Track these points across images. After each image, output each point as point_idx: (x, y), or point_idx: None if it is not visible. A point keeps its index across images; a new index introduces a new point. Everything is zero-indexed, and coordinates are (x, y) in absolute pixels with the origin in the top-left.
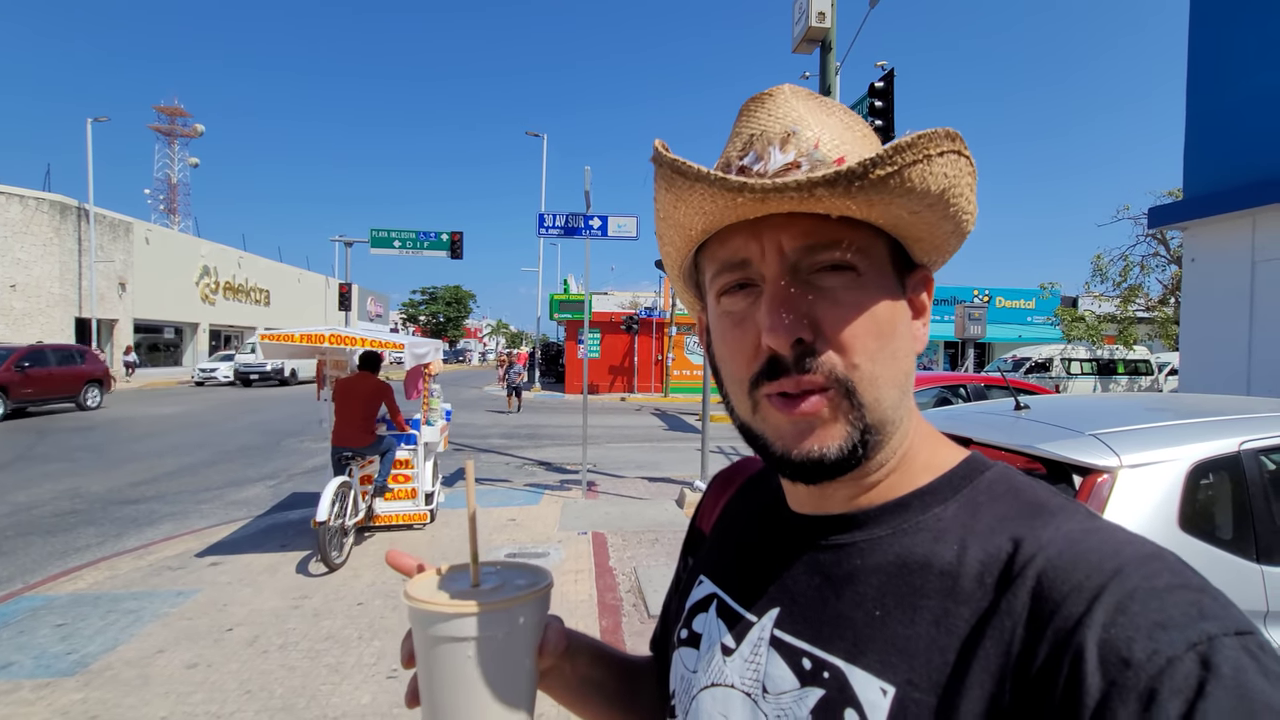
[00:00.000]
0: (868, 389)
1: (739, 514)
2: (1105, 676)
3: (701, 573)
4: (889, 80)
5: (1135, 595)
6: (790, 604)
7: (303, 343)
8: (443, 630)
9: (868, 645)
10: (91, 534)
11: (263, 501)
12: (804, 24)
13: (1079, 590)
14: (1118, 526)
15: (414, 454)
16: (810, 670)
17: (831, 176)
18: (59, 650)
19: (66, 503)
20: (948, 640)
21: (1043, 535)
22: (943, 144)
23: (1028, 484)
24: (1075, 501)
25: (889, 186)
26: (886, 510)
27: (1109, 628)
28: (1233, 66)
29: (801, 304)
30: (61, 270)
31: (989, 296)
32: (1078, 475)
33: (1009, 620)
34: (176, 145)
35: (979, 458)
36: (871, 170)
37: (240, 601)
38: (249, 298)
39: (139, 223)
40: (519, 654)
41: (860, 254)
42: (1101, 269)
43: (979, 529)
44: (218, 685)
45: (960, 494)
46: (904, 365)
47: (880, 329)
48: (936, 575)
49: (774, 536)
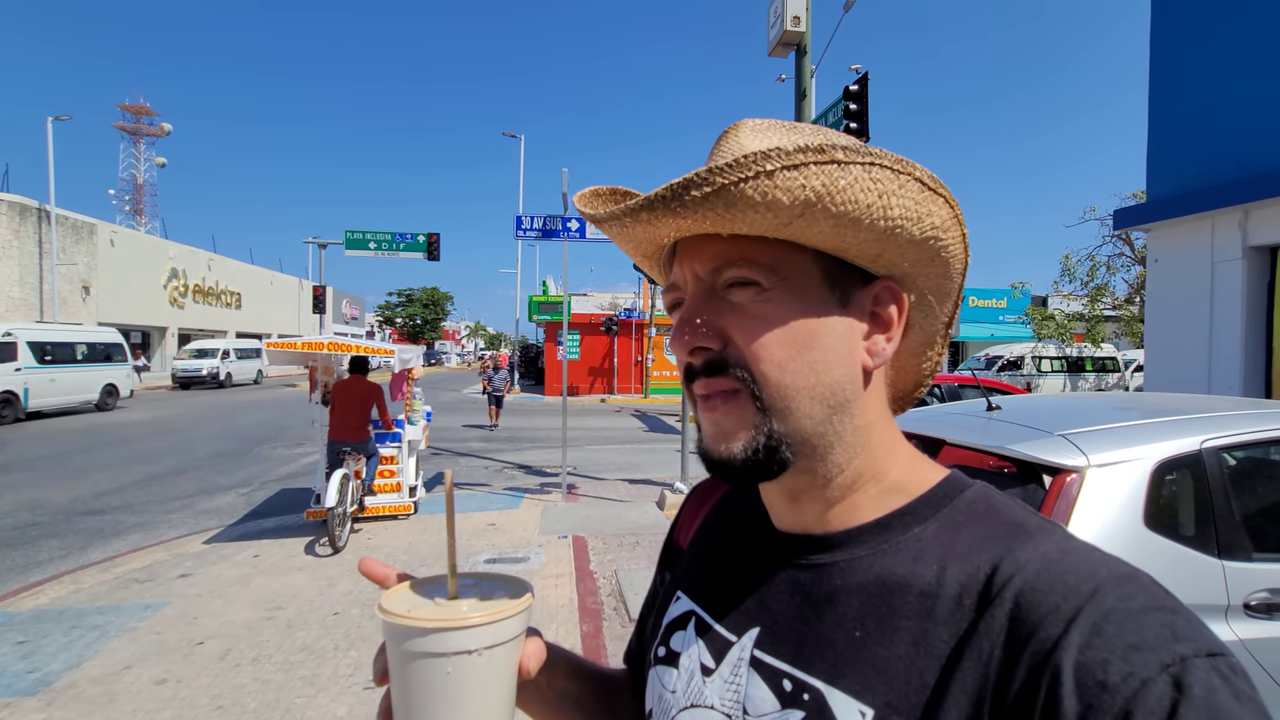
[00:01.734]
0: (775, 397)
1: (718, 529)
2: (1082, 699)
3: (679, 588)
4: (863, 84)
5: (1110, 617)
6: (771, 624)
7: (304, 350)
8: (420, 646)
9: (847, 667)
10: (54, 547)
11: (235, 510)
12: (779, 28)
13: (1056, 612)
14: (1094, 547)
15: (399, 450)
16: (790, 692)
17: (650, 199)
18: (20, 669)
19: (27, 514)
20: (927, 662)
21: (1020, 556)
22: (796, 157)
23: (1006, 504)
24: (1053, 522)
25: (732, 200)
26: (867, 530)
27: (1085, 650)
28: (1191, 76)
29: (711, 317)
30: (21, 273)
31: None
32: (1048, 475)
33: (987, 642)
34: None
35: (959, 477)
36: (686, 192)
37: (211, 614)
38: (220, 301)
39: (103, 224)
40: (500, 670)
41: (766, 270)
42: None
43: (958, 549)
44: (188, 701)
45: (940, 513)
46: (828, 378)
47: (792, 340)
48: (916, 596)
49: (754, 554)
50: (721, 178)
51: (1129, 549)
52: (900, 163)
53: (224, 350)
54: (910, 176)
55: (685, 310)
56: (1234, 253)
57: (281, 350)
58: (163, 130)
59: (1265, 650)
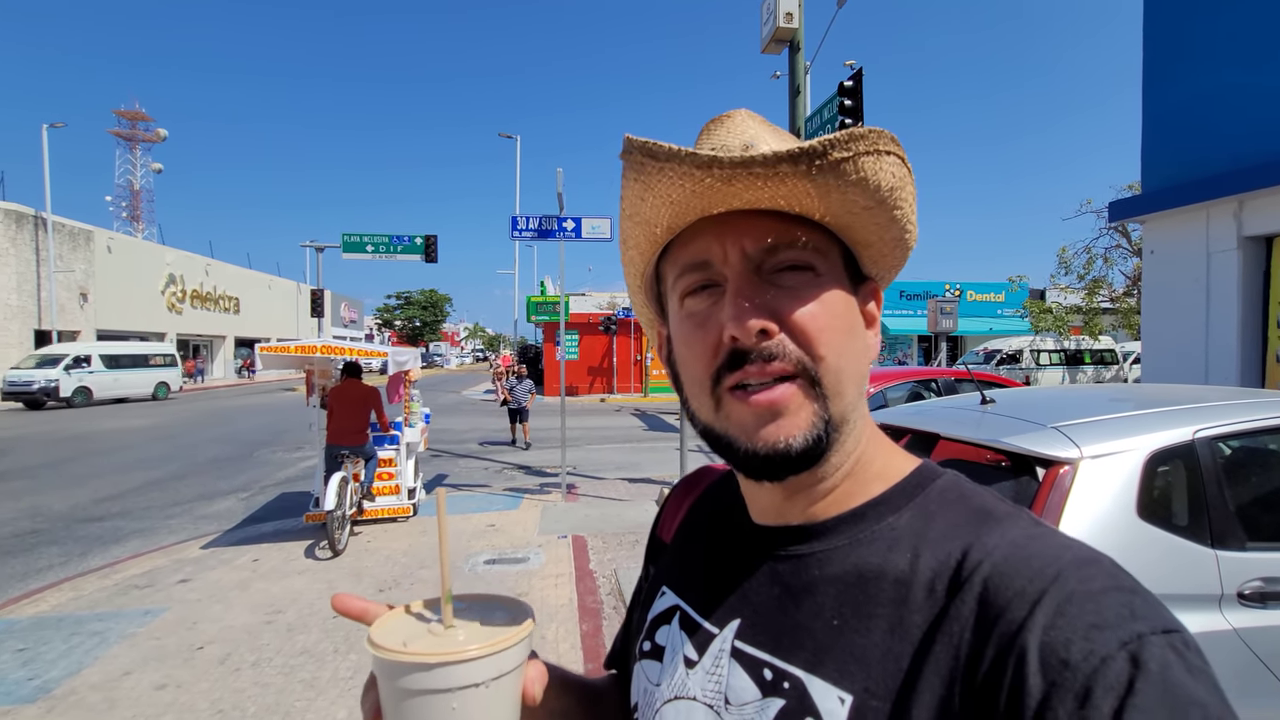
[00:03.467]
0: (832, 379)
1: (700, 523)
2: (1046, 677)
3: (663, 584)
4: (858, 79)
5: (1073, 598)
6: (751, 615)
7: (298, 354)
8: (421, 683)
9: (826, 655)
10: (54, 554)
11: (234, 514)
12: (772, 24)
13: (1022, 595)
14: (1058, 532)
15: (397, 453)
16: (771, 681)
17: (795, 152)
18: (20, 676)
19: (27, 522)
20: (902, 647)
21: (989, 542)
22: (889, 144)
23: (976, 491)
24: (1020, 508)
25: (844, 172)
26: (843, 521)
27: (1049, 630)
28: (1185, 65)
29: (765, 299)
30: (19, 281)
31: (960, 290)
32: (1041, 467)
33: (958, 625)
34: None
35: (930, 466)
36: (830, 151)
37: (211, 619)
38: (218, 306)
39: (100, 231)
40: (505, 700)
41: (818, 254)
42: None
43: (931, 537)
44: (188, 706)
45: (913, 502)
46: (862, 365)
47: (844, 324)
48: (891, 584)
49: (735, 547)
50: (855, 146)
51: (1122, 540)
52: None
53: (75, 358)
54: (912, 179)
55: (743, 288)
56: (1229, 243)
57: (276, 355)
58: (158, 136)
59: (1259, 639)
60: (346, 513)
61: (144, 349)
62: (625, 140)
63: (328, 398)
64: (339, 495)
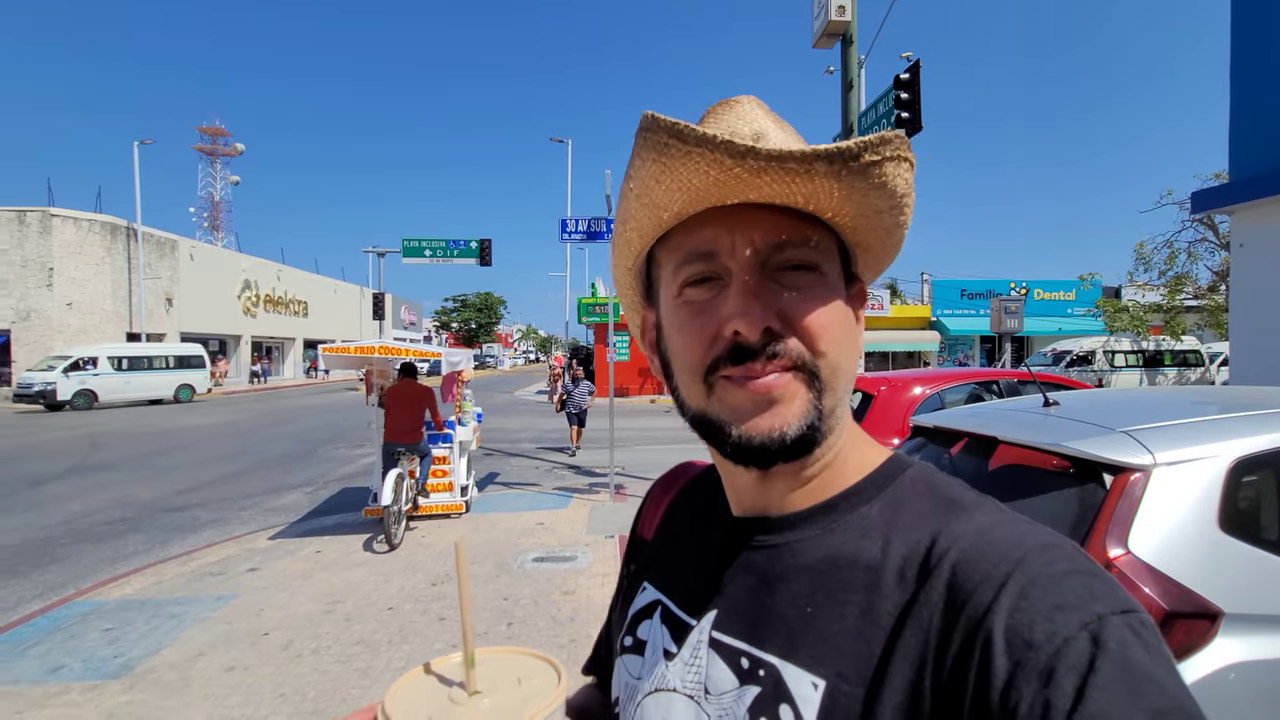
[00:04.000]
0: (829, 374)
1: (680, 519)
2: (1011, 658)
3: (645, 579)
4: (915, 72)
5: (1036, 581)
6: (727, 605)
7: (357, 354)
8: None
9: (800, 641)
10: (139, 541)
11: (299, 508)
12: (824, 18)
13: (988, 580)
14: (1022, 518)
15: (450, 451)
16: (748, 669)
17: (832, 151)
18: (106, 654)
19: (116, 511)
20: (873, 632)
21: (956, 529)
22: (908, 151)
23: (945, 481)
24: (986, 496)
25: (870, 175)
26: (817, 511)
27: (1014, 613)
28: (1277, 46)
29: (769, 296)
30: (113, 288)
31: (1026, 289)
32: (1108, 474)
33: (927, 610)
34: (219, 164)
35: (901, 456)
36: (864, 153)
37: (276, 606)
38: (288, 309)
39: (184, 240)
40: None
41: (824, 254)
42: (1145, 257)
43: (901, 525)
44: (254, 688)
45: (884, 492)
46: (855, 363)
47: (843, 323)
48: (863, 571)
49: (712, 540)
50: (885, 150)
51: (1202, 555)
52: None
53: (77, 360)
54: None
55: (750, 284)
56: None
57: (337, 355)
58: (236, 150)
59: None
60: (402, 508)
61: (162, 350)
62: (648, 118)
63: (385, 397)
64: (395, 491)
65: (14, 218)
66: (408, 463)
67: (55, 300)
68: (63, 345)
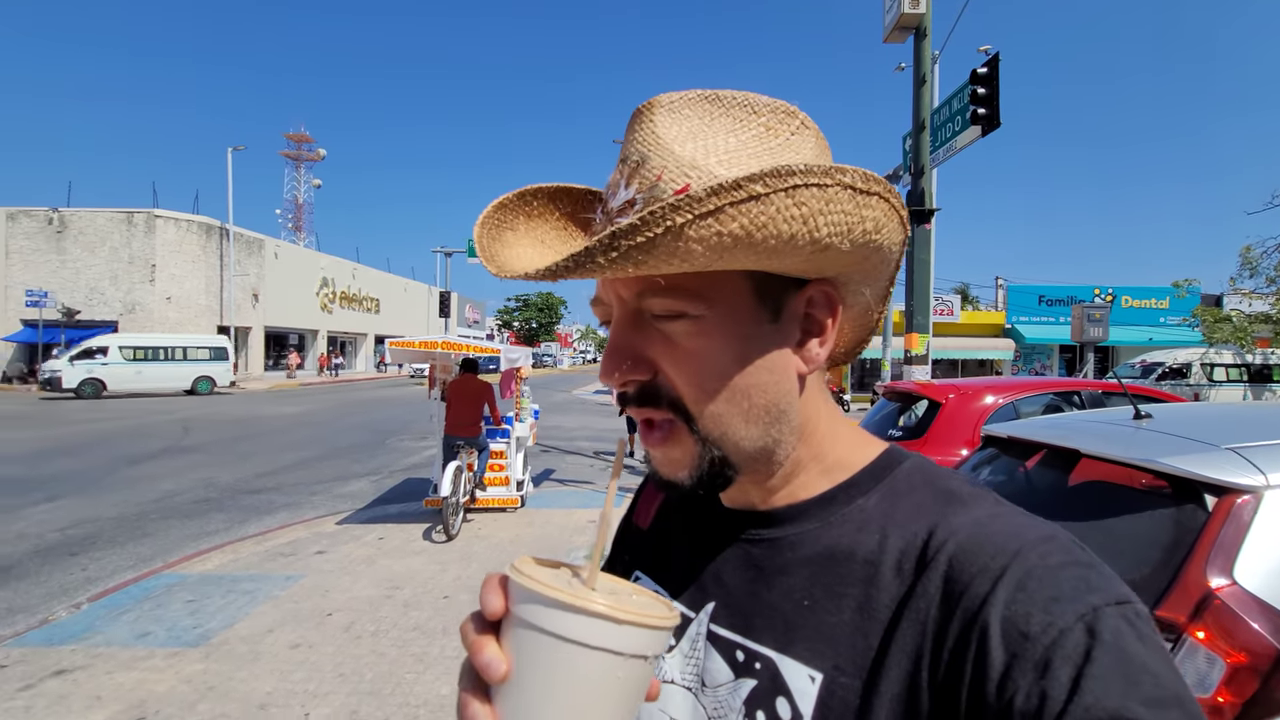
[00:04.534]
0: (711, 425)
1: (676, 509)
2: (1008, 649)
3: (639, 569)
4: (993, 66)
5: (1032, 573)
6: (725, 598)
7: (421, 349)
8: (606, 639)
9: (797, 635)
10: (220, 520)
11: (365, 495)
12: (896, 11)
13: (984, 572)
14: (1020, 510)
15: (508, 446)
16: (744, 662)
17: (550, 269)
18: (187, 624)
19: (202, 491)
20: (871, 625)
21: (954, 522)
22: (710, 203)
23: (942, 474)
24: (984, 489)
25: (633, 262)
26: (814, 504)
27: (1010, 605)
28: None
29: (641, 346)
30: (206, 283)
31: (1113, 296)
32: (1211, 495)
33: (924, 603)
34: (303, 169)
35: (897, 450)
36: (590, 259)
37: (340, 589)
38: (361, 306)
39: (270, 239)
40: (643, 691)
41: (694, 298)
42: (1252, 262)
43: (898, 518)
44: (316, 666)
45: (881, 484)
46: (763, 400)
47: (723, 370)
48: (860, 564)
49: (708, 532)
50: (627, 240)
51: None
52: (828, 174)
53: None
54: (839, 186)
55: (613, 338)
56: None
57: (403, 349)
58: (319, 155)
59: None
60: (460, 500)
61: (180, 340)
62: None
63: (447, 391)
64: (454, 483)
65: (124, 218)
66: (466, 456)
67: (156, 294)
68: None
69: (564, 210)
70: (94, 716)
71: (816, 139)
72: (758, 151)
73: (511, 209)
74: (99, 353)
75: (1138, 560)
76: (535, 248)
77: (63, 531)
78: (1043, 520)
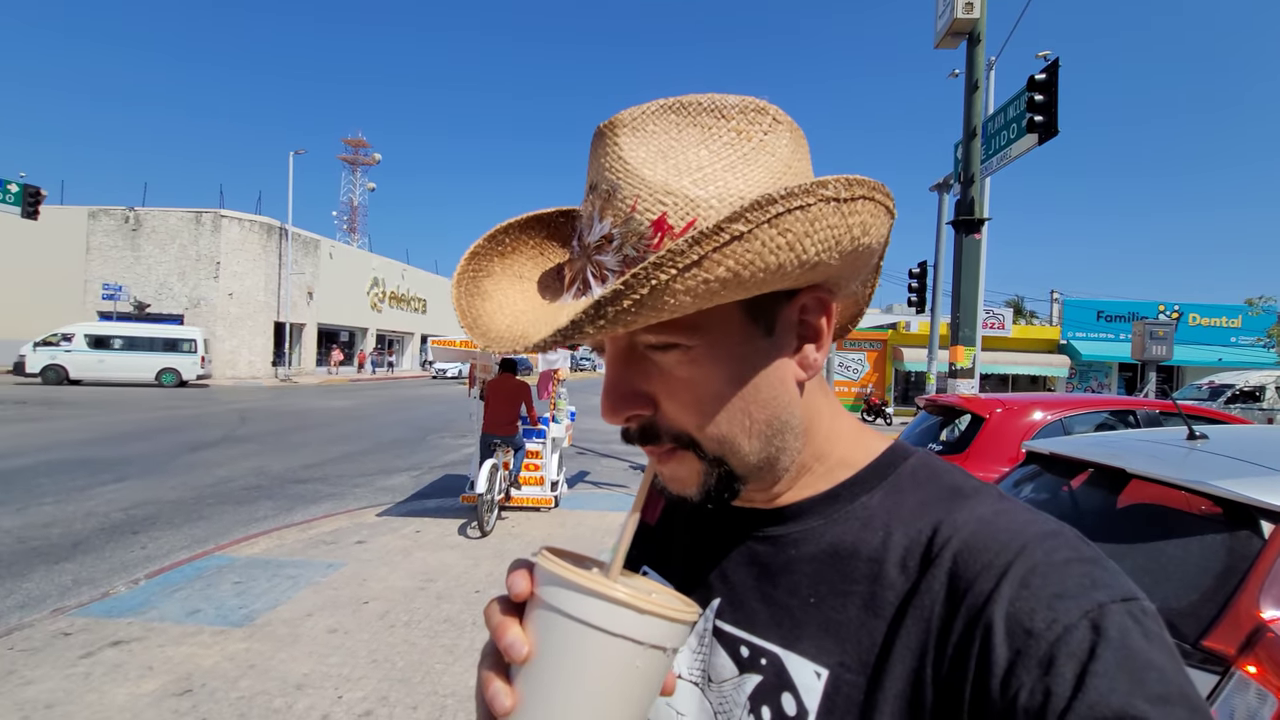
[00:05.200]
0: (714, 447)
1: (684, 505)
2: (1011, 645)
3: (646, 564)
4: (1052, 72)
5: (1037, 570)
6: (730, 594)
7: (462, 348)
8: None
9: (802, 631)
10: (269, 507)
11: (405, 489)
12: (949, 16)
13: (989, 568)
14: (1025, 507)
15: (543, 447)
16: (748, 657)
17: (552, 337)
18: (234, 604)
19: (254, 478)
20: (875, 622)
21: (958, 518)
22: (694, 254)
23: (947, 469)
24: (989, 485)
25: (622, 324)
26: (818, 501)
27: (1014, 601)
28: None
29: (637, 381)
30: (265, 281)
31: (1179, 313)
32: (1267, 522)
33: (929, 599)
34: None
35: (902, 445)
36: (578, 331)
37: (377, 578)
38: (409, 306)
39: (325, 240)
40: (659, 683)
41: (685, 329)
42: None
43: (903, 514)
44: (351, 651)
45: (885, 481)
46: (763, 415)
47: (721, 392)
48: (865, 561)
49: (713, 529)
50: (613, 306)
51: None
52: (809, 192)
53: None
54: (822, 201)
55: (609, 376)
56: None
57: (444, 348)
58: (374, 160)
59: None
60: (495, 498)
61: (148, 331)
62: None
63: (485, 390)
64: (490, 481)
65: (192, 218)
66: (502, 454)
67: (220, 290)
68: (224, 331)
69: (539, 237)
70: (146, 685)
71: (791, 134)
72: (732, 161)
73: (485, 255)
74: (64, 339)
75: (1185, 586)
76: (515, 284)
77: (126, 511)
78: (1048, 516)
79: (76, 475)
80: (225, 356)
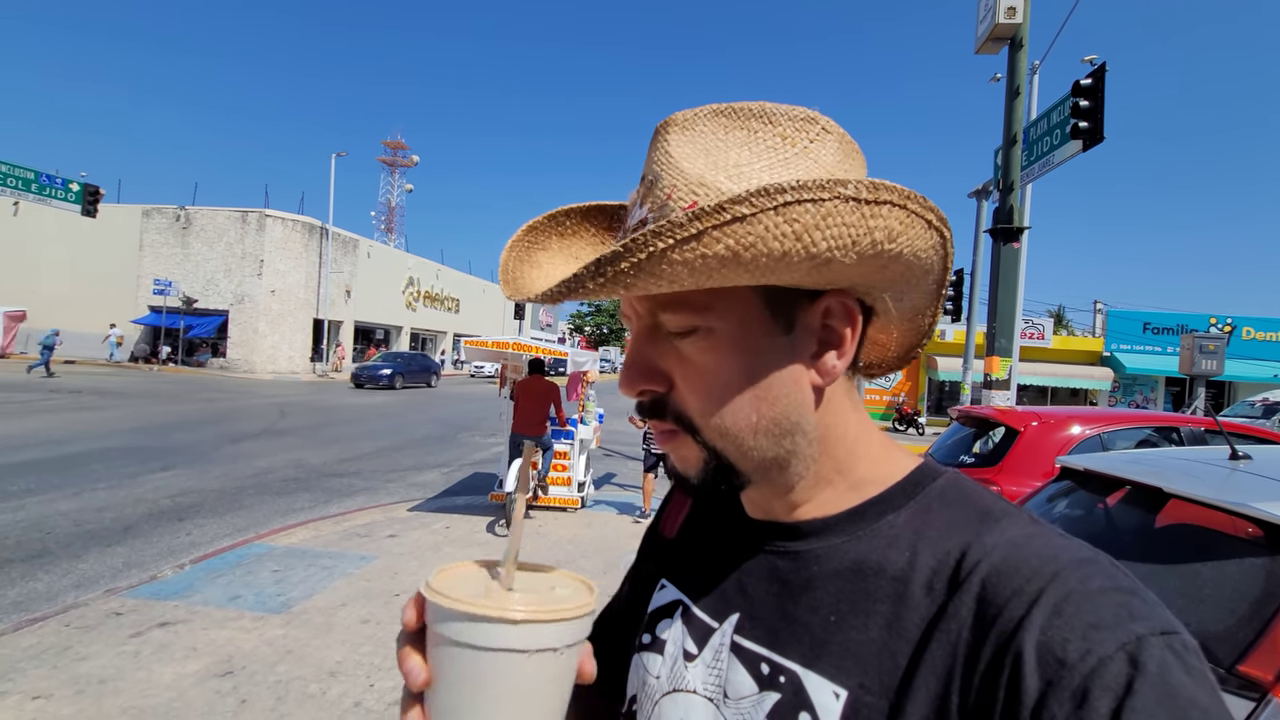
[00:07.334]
0: (714, 437)
1: (703, 519)
2: (1043, 676)
3: (664, 577)
4: (1098, 77)
5: (1070, 598)
6: (750, 610)
7: (493, 348)
8: (502, 639)
9: (823, 650)
10: (306, 499)
11: (436, 485)
12: (990, 21)
13: (1020, 594)
14: (1057, 531)
15: (571, 447)
16: (768, 675)
17: (558, 288)
18: (272, 591)
19: (292, 471)
20: (899, 644)
21: (988, 541)
22: (691, 228)
23: (977, 491)
24: (1020, 508)
25: (624, 284)
26: (843, 518)
27: (1046, 630)
28: None
29: (655, 359)
30: (306, 279)
31: (1232, 326)
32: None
33: (955, 624)
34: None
35: (931, 464)
36: (580, 285)
37: (408, 572)
38: (442, 306)
39: (363, 240)
40: (571, 670)
41: (702, 311)
42: None
43: (930, 535)
44: (381, 641)
45: (913, 501)
46: (771, 412)
47: (731, 383)
48: (889, 581)
49: (735, 542)
50: (612, 266)
51: None
52: (825, 187)
53: None
54: (838, 199)
55: (630, 351)
56: None
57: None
58: (412, 161)
59: None
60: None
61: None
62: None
63: (515, 390)
64: (518, 480)
65: (238, 217)
66: (530, 454)
67: (263, 288)
68: (266, 326)
69: (600, 226)
70: (190, 665)
71: (840, 144)
72: (771, 163)
73: (543, 230)
74: None
75: (1221, 610)
76: (569, 264)
77: (173, 499)
78: (1082, 542)
79: (128, 463)
80: (266, 351)
